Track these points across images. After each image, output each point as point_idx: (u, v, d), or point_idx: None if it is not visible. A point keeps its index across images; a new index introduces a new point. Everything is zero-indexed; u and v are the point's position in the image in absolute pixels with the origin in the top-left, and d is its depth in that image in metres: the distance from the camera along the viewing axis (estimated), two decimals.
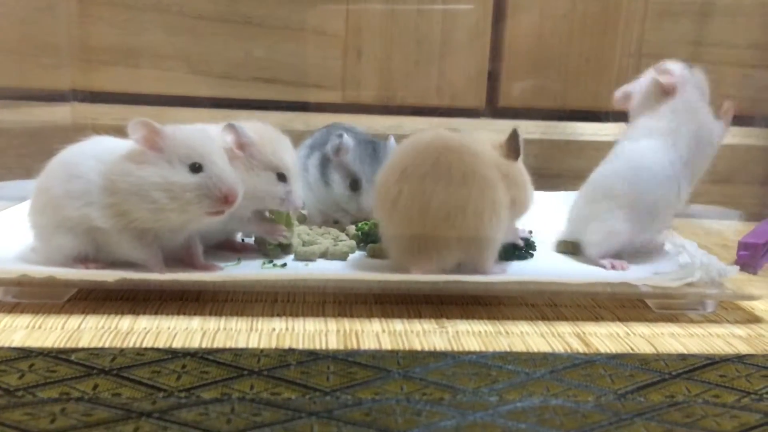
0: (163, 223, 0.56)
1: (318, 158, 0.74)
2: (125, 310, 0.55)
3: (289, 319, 0.55)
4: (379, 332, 0.53)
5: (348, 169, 0.73)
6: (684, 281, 0.58)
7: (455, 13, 0.93)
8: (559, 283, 0.58)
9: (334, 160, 0.73)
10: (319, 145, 0.76)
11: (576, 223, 0.69)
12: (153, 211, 0.55)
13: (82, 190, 0.56)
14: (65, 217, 0.56)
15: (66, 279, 0.55)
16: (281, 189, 0.62)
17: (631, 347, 0.52)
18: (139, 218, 0.55)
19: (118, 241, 0.56)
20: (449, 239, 0.56)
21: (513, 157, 0.61)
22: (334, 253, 0.64)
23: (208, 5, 0.89)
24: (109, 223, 0.55)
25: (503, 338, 0.53)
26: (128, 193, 0.55)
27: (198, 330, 0.52)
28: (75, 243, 0.56)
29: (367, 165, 0.72)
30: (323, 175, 0.74)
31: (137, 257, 0.57)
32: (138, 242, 0.56)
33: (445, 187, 0.56)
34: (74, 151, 0.58)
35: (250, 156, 0.61)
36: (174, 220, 0.55)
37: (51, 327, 0.51)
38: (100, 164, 0.56)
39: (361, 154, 0.73)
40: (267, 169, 0.61)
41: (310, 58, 0.92)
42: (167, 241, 0.58)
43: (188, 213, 0.55)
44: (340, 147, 0.73)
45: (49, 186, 0.57)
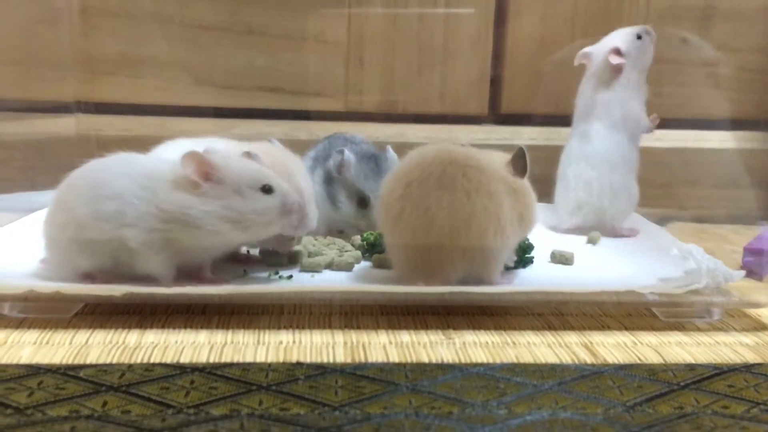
0: (210, 248, 0.57)
1: (322, 175, 0.74)
2: (132, 325, 0.55)
3: (296, 332, 0.55)
4: (386, 344, 0.53)
5: (353, 186, 0.73)
6: (690, 288, 0.58)
7: (457, 20, 0.93)
8: (565, 293, 0.58)
9: (337, 177, 0.73)
10: (322, 158, 0.76)
11: (590, 202, 0.80)
12: (208, 237, 0.55)
13: (115, 212, 0.54)
14: (91, 239, 0.55)
15: (73, 294, 0.55)
16: (295, 216, 0.61)
17: (639, 357, 0.52)
18: (187, 245, 0.55)
19: (144, 260, 0.56)
20: (454, 254, 0.56)
21: (519, 176, 0.61)
22: (339, 264, 0.64)
23: (210, 15, 0.90)
24: (145, 246, 0.55)
25: (510, 349, 0.53)
26: (188, 225, 0.54)
27: (205, 344, 0.52)
28: (94, 262, 0.56)
29: (371, 180, 0.72)
30: (329, 194, 0.74)
31: (155, 272, 0.57)
32: (167, 260, 0.56)
33: (449, 203, 0.56)
34: (101, 169, 0.57)
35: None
36: (229, 242, 0.57)
37: (59, 342, 0.52)
38: (135, 186, 0.55)
39: (365, 170, 0.73)
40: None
41: (313, 66, 0.93)
42: (193, 259, 0.58)
43: (260, 235, 0.57)
44: (342, 164, 0.73)
45: (73, 205, 0.56)
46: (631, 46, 0.82)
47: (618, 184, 0.81)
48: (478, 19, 0.94)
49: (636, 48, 0.82)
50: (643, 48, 0.83)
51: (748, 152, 0.95)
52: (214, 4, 0.89)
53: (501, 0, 0.93)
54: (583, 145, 0.83)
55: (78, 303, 0.57)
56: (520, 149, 0.61)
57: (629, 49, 0.82)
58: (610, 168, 0.81)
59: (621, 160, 0.81)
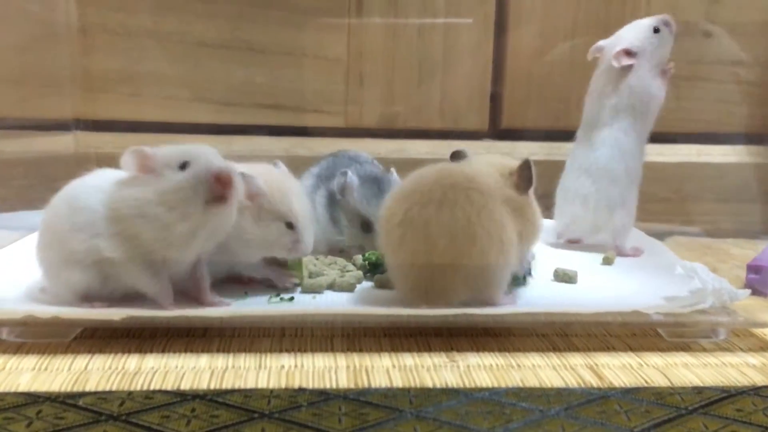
0: (171, 240, 0.55)
1: (325, 196, 0.74)
2: (132, 349, 0.54)
3: (298, 355, 0.54)
4: (389, 368, 0.53)
5: (357, 211, 0.72)
6: (696, 308, 0.58)
7: (456, 35, 0.93)
8: (570, 314, 0.57)
9: (340, 200, 0.73)
10: (325, 177, 0.75)
11: (589, 218, 0.79)
12: (159, 228, 0.55)
13: (87, 222, 0.56)
14: (72, 251, 0.56)
15: (72, 318, 0.54)
16: (289, 238, 0.61)
17: (645, 380, 0.51)
18: (146, 240, 0.55)
19: (127, 272, 0.56)
20: (456, 278, 0.56)
21: (524, 188, 0.60)
22: (341, 285, 0.63)
23: (209, 32, 0.90)
24: (118, 252, 0.55)
25: (515, 372, 0.52)
26: (131, 216, 0.55)
27: (206, 369, 0.51)
28: (84, 277, 0.56)
29: (374, 205, 0.71)
30: (333, 217, 0.73)
31: (146, 288, 0.57)
32: (147, 272, 0.56)
33: (451, 228, 0.55)
34: (76, 185, 0.59)
35: (259, 206, 0.60)
36: (180, 231, 0.55)
37: (57, 368, 0.51)
38: (102, 194, 0.56)
39: (367, 194, 0.72)
40: (276, 218, 0.61)
41: (312, 83, 0.93)
42: (176, 269, 0.57)
43: (191, 214, 0.55)
44: (345, 186, 0.72)
45: (53, 221, 0.57)
46: (646, 41, 0.79)
47: (616, 200, 0.79)
48: (478, 35, 0.94)
49: (652, 43, 0.79)
50: (661, 42, 0.79)
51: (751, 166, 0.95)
52: (214, 21, 0.89)
53: (500, 15, 0.93)
54: (586, 154, 0.81)
55: (77, 327, 0.56)
56: (526, 161, 0.60)
57: (644, 44, 0.78)
58: (610, 181, 0.79)
59: (623, 173, 0.79)
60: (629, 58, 0.78)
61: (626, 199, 0.80)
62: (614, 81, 0.79)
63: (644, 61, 0.79)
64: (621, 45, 0.79)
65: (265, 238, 0.60)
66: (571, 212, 0.81)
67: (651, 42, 0.79)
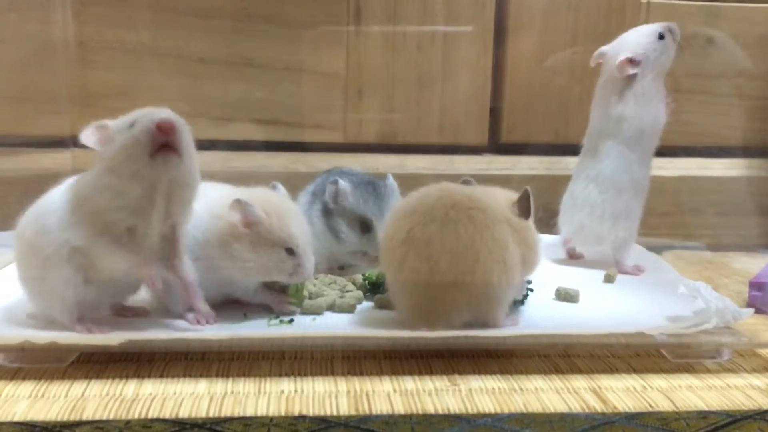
0: (128, 205, 0.54)
1: (320, 209, 0.73)
2: (130, 374, 0.54)
3: (298, 379, 0.54)
4: (390, 392, 0.52)
5: (353, 213, 0.72)
6: (699, 328, 0.57)
7: (455, 50, 0.93)
8: (572, 336, 0.56)
9: (335, 208, 0.72)
10: (320, 192, 0.75)
11: (594, 227, 0.79)
12: (114, 196, 0.54)
13: (53, 222, 0.55)
14: (45, 256, 0.55)
15: (69, 344, 0.53)
16: (290, 263, 0.60)
17: (650, 403, 0.51)
18: (107, 213, 0.54)
19: (99, 254, 0.55)
20: (458, 299, 0.55)
21: (524, 217, 0.60)
22: (341, 306, 0.63)
23: (207, 48, 0.89)
24: (85, 236, 0.55)
25: (518, 396, 0.52)
26: (88, 196, 0.55)
27: (205, 395, 0.51)
28: (64, 282, 0.55)
29: (371, 203, 0.71)
30: (330, 227, 0.72)
31: (126, 262, 0.56)
32: (121, 248, 0.55)
33: (453, 248, 0.55)
34: (40, 199, 0.59)
35: (258, 233, 0.60)
36: (134, 193, 0.54)
37: (54, 395, 0.50)
38: (65, 193, 0.57)
39: (363, 195, 0.72)
40: (275, 245, 0.60)
41: (311, 98, 0.92)
42: (149, 242, 0.56)
43: (138, 171, 0.53)
44: (338, 193, 0.72)
45: (24, 237, 0.57)
46: (650, 48, 0.77)
47: (621, 211, 0.78)
48: (477, 49, 0.93)
49: (655, 50, 0.77)
50: (665, 49, 0.78)
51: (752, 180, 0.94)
52: (212, 37, 0.89)
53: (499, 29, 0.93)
54: (593, 164, 0.80)
55: (74, 352, 0.55)
56: (526, 191, 0.60)
57: (647, 51, 0.77)
58: (616, 192, 0.78)
59: (629, 184, 0.78)
60: (633, 66, 0.77)
61: (631, 211, 0.79)
62: (619, 90, 0.79)
63: (647, 70, 0.78)
64: (624, 52, 0.78)
65: (264, 264, 0.60)
66: (578, 220, 0.80)
67: (655, 49, 0.77)
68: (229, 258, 0.60)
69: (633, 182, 0.78)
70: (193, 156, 0.56)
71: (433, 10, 0.93)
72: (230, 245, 0.59)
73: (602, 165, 0.79)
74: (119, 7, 0.87)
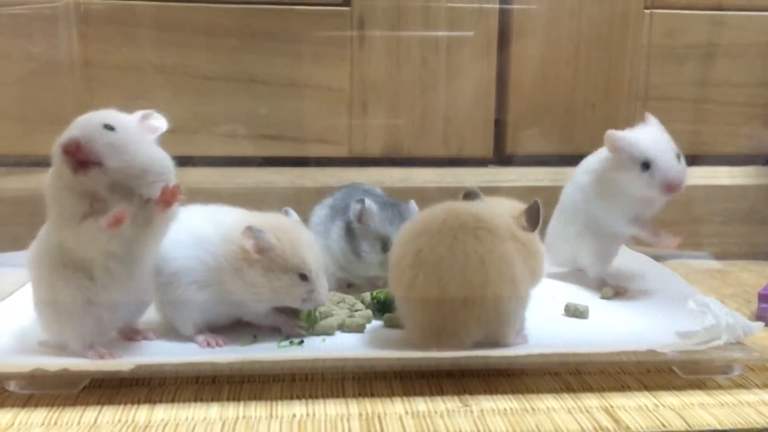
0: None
1: (342, 227, 0.73)
2: (141, 399, 0.54)
3: (309, 402, 0.54)
4: (402, 414, 0.52)
5: (377, 233, 0.71)
6: (710, 344, 0.57)
7: (459, 62, 0.93)
8: (582, 354, 0.56)
9: (358, 227, 0.72)
10: (341, 208, 0.74)
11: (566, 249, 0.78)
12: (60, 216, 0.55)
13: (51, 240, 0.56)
14: (49, 277, 0.56)
15: (80, 370, 0.53)
16: (303, 289, 0.60)
17: (662, 423, 0.51)
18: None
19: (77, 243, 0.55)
20: (469, 320, 0.55)
21: (531, 229, 0.60)
22: (350, 326, 0.63)
23: (212, 66, 0.89)
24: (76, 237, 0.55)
25: (530, 416, 0.52)
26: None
27: (217, 420, 0.51)
28: (71, 302, 0.56)
29: (396, 226, 0.70)
30: (352, 246, 0.72)
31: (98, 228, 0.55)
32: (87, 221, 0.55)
33: (462, 270, 0.55)
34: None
35: (270, 260, 0.60)
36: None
37: (67, 423, 0.50)
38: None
39: (389, 216, 0.72)
40: (287, 271, 0.60)
41: (316, 113, 0.92)
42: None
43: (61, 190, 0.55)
44: (363, 212, 0.71)
45: (32, 257, 0.58)
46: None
47: (577, 233, 0.77)
48: (480, 61, 0.93)
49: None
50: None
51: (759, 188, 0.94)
52: (217, 55, 0.89)
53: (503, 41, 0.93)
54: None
55: (86, 378, 0.55)
56: (535, 203, 0.60)
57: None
58: (573, 213, 0.77)
59: (582, 214, 0.77)
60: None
61: (596, 231, 0.76)
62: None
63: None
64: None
65: (276, 290, 0.60)
66: (546, 241, 0.78)
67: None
68: (242, 283, 0.60)
69: (587, 213, 0.76)
70: (127, 152, 0.55)
71: (436, 22, 0.93)
72: (242, 270, 0.59)
73: (566, 187, 0.80)
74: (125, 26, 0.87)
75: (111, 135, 0.55)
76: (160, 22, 0.88)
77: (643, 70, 0.94)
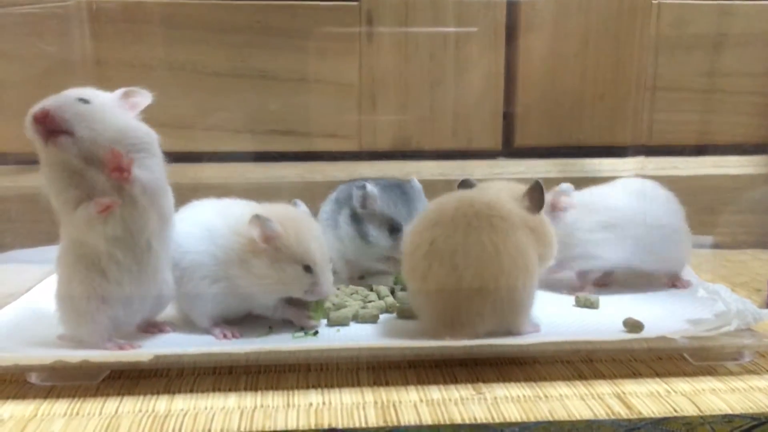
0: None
1: (348, 215, 0.74)
2: (161, 389, 0.55)
3: (325, 391, 0.55)
4: (416, 402, 0.53)
5: (382, 215, 0.72)
6: (721, 331, 0.58)
7: (467, 55, 0.93)
8: (594, 342, 0.57)
9: (363, 212, 0.73)
10: (344, 199, 0.75)
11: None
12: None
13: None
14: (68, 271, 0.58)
15: (100, 362, 0.54)
16: (307, 280, 0.61)
17: (674, 408, 0.51)
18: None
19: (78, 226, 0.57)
20: (483, 309, 0.56)
21: (535, 210, 0.61)
22: (364, 316, 0.64)
23: (222, 62, 0.90)
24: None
25: (543, 403, 0.52)
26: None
27: (235, 409, 0.52)
28: (89, 295, 0.57)
29: (400, 205, 0.72)
30: (359, 232, 0.73)
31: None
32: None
33: (477, 259, 0.55)
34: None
35: (276, 249, 0.60)
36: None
37: (89, 413, 0.51)
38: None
39: (392, 197, 0.73)
40: (293, 261, 0.60)
41: (326, 108, 0.93)
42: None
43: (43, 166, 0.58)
44: (366, 197, 0.72)
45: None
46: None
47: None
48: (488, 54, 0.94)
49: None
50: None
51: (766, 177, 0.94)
52: (226, 51, 0.90)
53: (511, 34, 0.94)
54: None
55: (106, 369, 0.56)
56: (536, 183, 0.60)
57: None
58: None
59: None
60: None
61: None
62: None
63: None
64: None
65: (281, 280, 0.60)
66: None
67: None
68: (249, 275, 0.60)
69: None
70: (97, 121, 0.56)
71: (444, 16, 0.93)
72: (249, 262, 0.60)
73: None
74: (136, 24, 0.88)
75: (83, 106, 0.57)
76: (170, 19, 0.88)
77: (651, 61, 0.94)
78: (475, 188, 0.63)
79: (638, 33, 0.93)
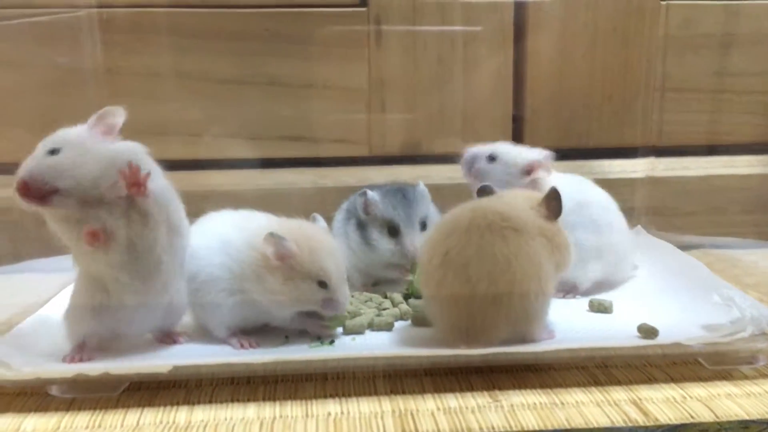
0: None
1: (355, 223, 0.75)
2: (180, 400, 0.55)
3: (343, 400, 0.55)
4: (434, 410, 0.53)
5: (383, 219, 0.73)
6: (735, 337, 0.58)
7: (476, 58, 0.94)
8: (609, 348, 0.57)
9: (366, 218, 0.74)
10: (354, 208, 0.76)
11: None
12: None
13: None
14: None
15: (120, 374, 0.55)
16: (322, 296, 0.61)
17: (690, 414, 0.52)
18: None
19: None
20: (496, 319, 0.56)
21: (552, 218, 0.61)
22: (379, 324, 0.64)
23: (231, 69, 0.90)
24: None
25: (559, 410, 0.53)
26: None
27: (255, 419, 0.52)
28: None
29: (399, 209, 0.73)
30: (364, 238, 0.74)
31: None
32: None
33: (490, 272, 0.56)
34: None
35: (290, 266, 0.60)
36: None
37: (111, 425, 0.52)
38: None
39: (392, 201, 0.74)
40: (307, 278, 0.60)
41: (335, 113, 0.93)
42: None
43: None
44: (367, 203, 0.74)
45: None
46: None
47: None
48: (497, 57, 0.94)
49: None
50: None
51: None
52: (235, 58, 0.90)
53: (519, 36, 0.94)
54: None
55: (125, 381, 0.57)
56: (554, 190, 0.61)
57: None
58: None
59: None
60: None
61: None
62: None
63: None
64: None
65: (296, 296, 0.60)
66: None
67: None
68: (263, 289, 0.61)
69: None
70: (74, 167, 0.56)
71: (452, 19, 0.94)
72: (264, 277, 0.60)
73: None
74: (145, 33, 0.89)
75: (54, 159, 0.56)
76: (179, 28, 0.89)
77: (659, 61, 0.94)
78: (494, 196, 0.64)
79: (647, 33, 0.93)
